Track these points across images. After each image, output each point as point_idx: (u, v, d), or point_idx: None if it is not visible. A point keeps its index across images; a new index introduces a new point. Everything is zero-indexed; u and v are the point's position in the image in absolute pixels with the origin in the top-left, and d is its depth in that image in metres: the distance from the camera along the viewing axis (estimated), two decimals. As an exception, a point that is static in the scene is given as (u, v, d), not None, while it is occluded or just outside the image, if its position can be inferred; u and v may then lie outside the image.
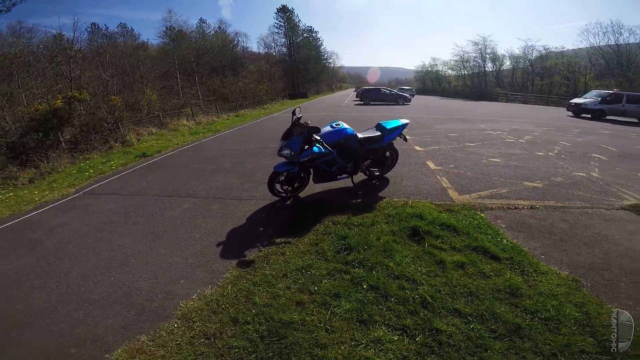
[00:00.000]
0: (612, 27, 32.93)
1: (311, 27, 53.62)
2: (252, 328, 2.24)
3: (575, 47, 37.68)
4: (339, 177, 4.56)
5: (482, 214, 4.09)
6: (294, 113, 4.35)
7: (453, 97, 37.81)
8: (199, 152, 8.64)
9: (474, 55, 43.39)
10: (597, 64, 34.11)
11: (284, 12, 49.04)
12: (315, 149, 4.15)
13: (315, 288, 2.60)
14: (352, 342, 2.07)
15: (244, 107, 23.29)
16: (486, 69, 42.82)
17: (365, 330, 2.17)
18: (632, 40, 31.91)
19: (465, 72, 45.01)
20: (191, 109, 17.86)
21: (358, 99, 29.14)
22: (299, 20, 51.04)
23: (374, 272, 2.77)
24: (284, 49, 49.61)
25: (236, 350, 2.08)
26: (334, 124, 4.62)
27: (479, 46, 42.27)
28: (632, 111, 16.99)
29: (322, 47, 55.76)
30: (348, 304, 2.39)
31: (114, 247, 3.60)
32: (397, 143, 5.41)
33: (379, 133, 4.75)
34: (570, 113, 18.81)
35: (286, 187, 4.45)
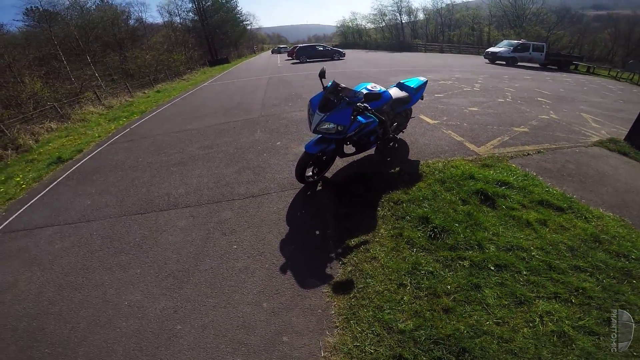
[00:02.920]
0: None
1: None
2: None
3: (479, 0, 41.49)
4: (372, 146, 3.92)
5: (513, 165, 4.10)
6: (322, 75, 3.41)
7: (376, 50, 38.53)
8: (140, 140, 6.67)
9: (391, 8, 44.62)
10: (497, 16, 38.32)
11: None
12: (361, 118, 3.34)
13: (447, 287, 2.23)
14: (529, 325, 1.98)
15: (159, 81, 19.73)
16: (402, 21, 44.54)
17: (529, 309, 2.07)
18: None
19: (384, 24, 46.17)
20: (95, 92, 14.26)
21: (291, 57, 27.45)
22: None
23: (488, 250, 2.55)
24: (192, 15, 43.04)
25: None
26: (369, 86, 3.84)
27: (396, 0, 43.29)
28: (536, 58, 19.95)
29: (238, 8, 50.15)
30: (492, 291, 2.20)
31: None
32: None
33: (405, 93, 4.19)
34: (487, 60, 20.88)
35: (314, 169, 3.65)
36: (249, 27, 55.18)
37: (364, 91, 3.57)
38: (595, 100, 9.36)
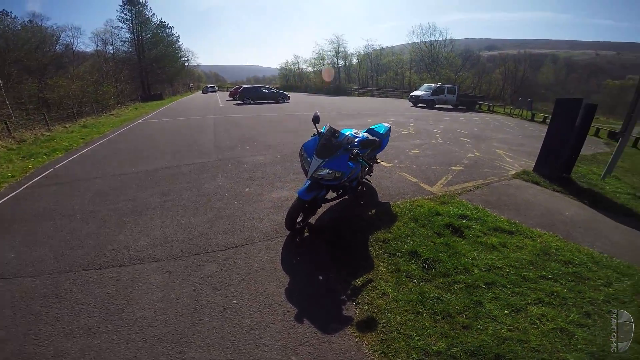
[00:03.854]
0: (429, 28, 44.23)
1: (165, 22, 45.61)
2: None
3: (401, 44, 48.58)
4: (354, 191, 4.08)
5: (464, 201, 4.72)
6: (315, 120, 3.52)
7: (316, 94, 41.23)
8: (72, 184, 5.64)
9: (330, 53, 49.33)
10: (416, 60, 44.92)
11: (133, 5, 39.80)
12: (351, 164, 3.43)
13: (457, 307, 2.52)
14: (533, 327, 2.35)
15: (83, 114, 17.72)
16: (339, 66, 49.00)
17: (526, 314, 2.47)
18: (439, 38, 43.68)
19: (323, 68, 50.02)
20: (5, 123, 12.04)
21: (233, 98, 27.49)
22: (153, 14, 42.75)
23: (473, 272, 2.94)
24: (128, 46, 40.68)
25: None
26: (353, 132, 4.08)
27: (334, 45, 48.17)
28: (450, 100, 23.60)
29: (179, 44, 48.82)
30: (492, 304, 2.55)
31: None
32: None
33: (377, 138, 4.54)
34: (411, 104, 23.96)
35: (301, 215, 3.62)
36: (187, 64, 54.03)
37: (356, 137, 3.80)
38: (501, 136, 11.44)
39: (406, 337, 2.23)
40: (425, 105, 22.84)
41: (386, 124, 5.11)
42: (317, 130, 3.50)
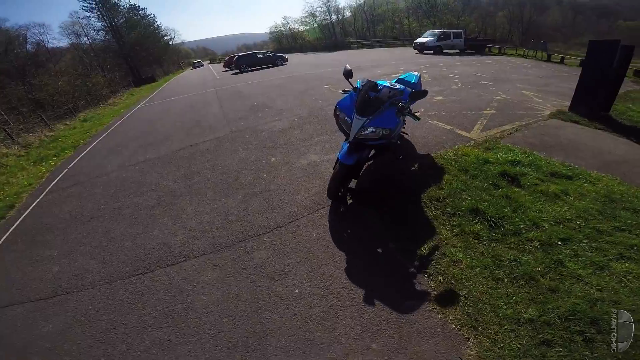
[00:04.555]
0: None
1: (135, 4, 43.05)
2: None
3: None
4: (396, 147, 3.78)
5: (509, 145, 4.32)
6: (348, 75, 3.09)
7: (313, 52, 39.05)
8: (90, 182, 5.41)
9: (321, 9, 46.03)
10: (413, 7, 41.69)
11: None
12: (396, 119, 3.04)
13: (537, 269, 2.29)
14: (621, 285, 2.13)
15: (80, 109, 17.25)
16: (332, 21, 45.89)
17: (610, 272, 2.23)
18: None
19: (316, 25, 47.01)
20: (5, 130, 11.78)
21: (228, 68, 26.23)
22: None
23: (544, 228, 2.68)
24: (104, 34, 38.60)
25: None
26: (388, 84, 3.61)
27: (324, 0, 44.50)
28: (457, 45, 22.02)
29: (157, 23, 46.37)
30: (574, 263, 2.33)
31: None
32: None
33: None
34: (416, 51, 22.45)
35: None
36: (170, 43, 51.49)
37: (394, 88, 3.34)
38: (522, 78, 10.61)
39: (493, 307, 2.04)
40: (432, 52, 21.42)
41: (415, 72, 4.61)
42: (352, 85, 3.06)
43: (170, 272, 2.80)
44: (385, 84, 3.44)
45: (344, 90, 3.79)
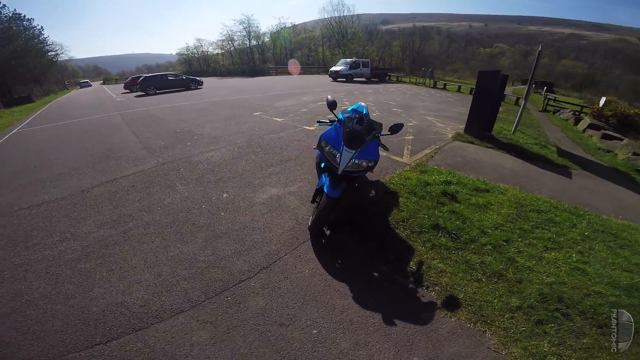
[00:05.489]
0: (338, 4, 45.13)
1: (20, 13, 35.02)
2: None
3: (313, 20, 48.57)
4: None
5: (435, 167, 5.07)
6: (332, 106, 3.13)
7: (229, 76, 38.26)
8: None
9: (241, 34, 46.27)
10: (327, 36, 45.58)
11: None
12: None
13: (500, 267, 2.80)
14: (563, 270, 2.85)
15: None
16: (251, 45, 46.20)
17: (554, 260, 2.96)
18: (347, 13, 44.97)
19: (233, 48, 46.41)
20: None
21: (129, 90, 23.43)
22: (3, 6, 32.32)
23: (490, 233, 3.27)
24: None
25: None
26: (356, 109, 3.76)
27: (244, 25, 45.11)
28: (364, 73, 24.89)
29: (43, 36, 38.53)
30: (522, 258, 2.92)
31: None
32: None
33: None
34: (331, 79, 24.48)
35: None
36: (56, 59, 43.30)
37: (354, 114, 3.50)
38: (422, 104, 12.70)
39: (487, 303, 2.42)
40: (344, 80, 23.62)
41: (363, 103, 5.01)
42: (336, 117, 3.13)
43: (144, 337, 2.21)
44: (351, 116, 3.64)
45: (319, 121, 3.83)
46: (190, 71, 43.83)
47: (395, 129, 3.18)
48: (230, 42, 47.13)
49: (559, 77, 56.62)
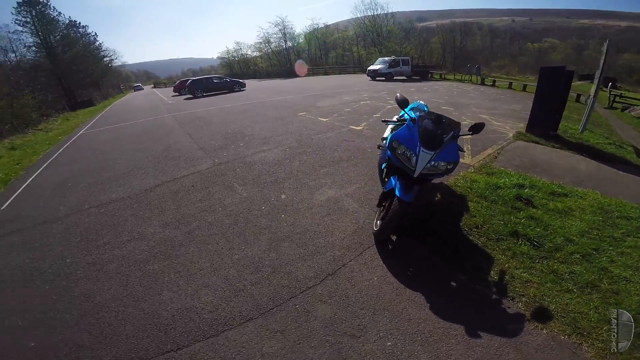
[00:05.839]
0: (371, 3, 44.83)
1: (76, 21, 39.41)
2: None
3: (345, 20, 48.52)
4: None
5: (502, 169, 4.68)
6: (403, 104, 2.94)
7: (268, 78, 39.30)
8: (41, 228, 4.23)
9: (276, 35, 47.27)
10: (361, 35, 45.04)
11: (32, 5, 33.16)
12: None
13: (592, 277, 2.55)
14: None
15: (4, 134, 14.68)
16: (287, 47, 47.14)
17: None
18: (380, 12, 44.24)
19: (270, 51, 47.72)
20: None
21: (178, 93, 24.99)
22: (59, 14, 36.34)
23: (577, 241, 2.96)
24: (35, 51, 34.53)
25: None
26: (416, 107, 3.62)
27: (279, 27, 46.31)
28: (405, 71, 24.06)
29: (98, 43, 42.82)
30: (616, 268, 2.62)
31: None
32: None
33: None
34: (369, 78, 23.98)
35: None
36: (111, 65, 47.69)
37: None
38: (472, 102, 11.90)
39: (582, 315, 2.20)
40: (383, 79, 23.03)
41: (422, 102, 4.75)
42: (411, 116, 2.95)
43: (215, 346, 2.23)
44: (421, 108, 3.44)
45: (385, 121, 3.72)
46: (231, 74, 45.66)
47: (477, 128, 2.93)
48: (267, 44, 48.55)
49: (621, 72, 50.75)
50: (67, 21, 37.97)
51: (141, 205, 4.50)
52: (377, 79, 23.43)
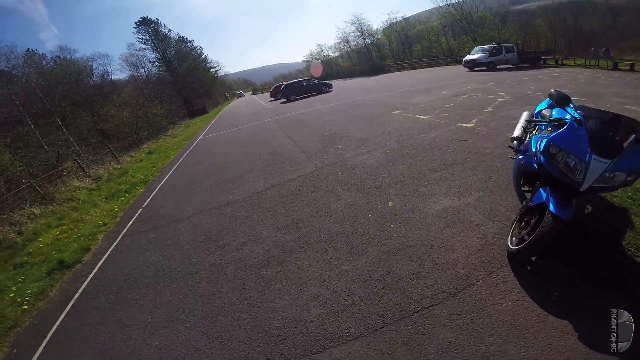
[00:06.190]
0: None
1: (184, 36, 47.59)
2: None
3: (425, 11, 45.10)
4: None
5: None
6: (564, 101, 2.42)
7: (351, 77, 39.41)
8: (169, 226, 5.12)
9: (354, 34, 46.91)
10: (448, 25, 40.98)
11: (147, 25, 41.57)
12: None
13: None
14: None
15: (142, 140, 18.35)
16: (366, 44, 46.49)
17: None
18: None
19: (350, 49, 47.99)
20: (77, 161, 12.51)
21: (274, 98, 27.17)
22: (169, 30, 44.36)
23: None
24: (158, 66, 42.78)
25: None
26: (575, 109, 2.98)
27: (356, 25, 45.89)
28: (510, 59, 20.72)
29: (204, 55, 50.48)
30: None
31: None
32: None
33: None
34: (467, 69, 21.42)
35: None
36: (216, 74, 55.39)
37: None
38: (609, 90, 9.22)
39: None
40: (484, 68, 20.30)
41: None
42: (575, 116, 2.34)
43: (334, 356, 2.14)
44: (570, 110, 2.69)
45: (529, 120, 3.10)
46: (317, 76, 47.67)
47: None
48: (346, 43, 48.52)
49: None
50: (177, 37, 45.33)
51: (254, 208, 4.84)
52: (476, 69, 20.83)
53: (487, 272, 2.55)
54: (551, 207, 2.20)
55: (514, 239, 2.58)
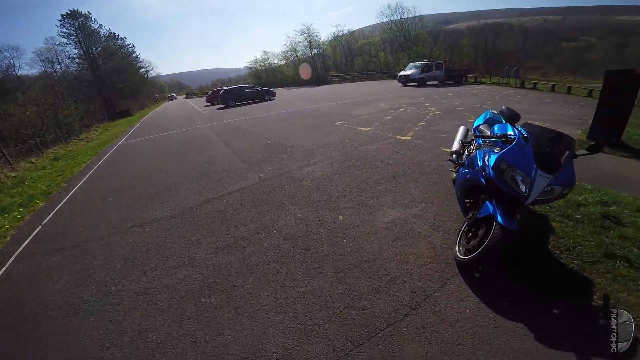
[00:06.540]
0: (397, 7, 44.29)
1: (115, 32, 42.39)
2: None
3: (369, 25, 48.41)
4: None
5: (584, 184, 4.10)
6: (514, 119, 2.73)
7: (295, 86, 39.61)
8: (83, 248, 4.11)
9: (302, 43, 48.00)
10: (388, 40, 44.48)
11: (75, 18, 36.25)
12: None
13: None
14: None
15: (48, 144, 15.54)
16: (313, 54, 47.61)
17: None
18: (407, 15, 43.52)
19: (297, 58, 48.45)
20: None
21: (210, 103, 25.66)
22: (100, 26, 39.43)
23: None
24: (79, 63, 37.45)
25: None
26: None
27: (305, 35, 47.02)
28: (438, 76, 23.18)
29: (135, 54, 45.57)
30: None
31: None
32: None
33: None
34: (400, 84, 23.32)
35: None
36: (147, 75, 50.44)
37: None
38: (520, 107, 10.90)
39: None
40: (416, 84, 22.32)
41: (494, 111, 4.23)
42: (522, 133, 2.53)
43: None
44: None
45: (478, 136, 3.26)
46: (259, 83, 46.68)
47: (596, 148, 2.45)
48: (293, 52, 49.15)
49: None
50: (107, 33, 40.72)
51: (187, 226, 4.25)
52: (408, 84, 22.76)
53: (441, 282, 2.62)
54: (499, 219, 2.33)
55: (461, 248, 2.70)
